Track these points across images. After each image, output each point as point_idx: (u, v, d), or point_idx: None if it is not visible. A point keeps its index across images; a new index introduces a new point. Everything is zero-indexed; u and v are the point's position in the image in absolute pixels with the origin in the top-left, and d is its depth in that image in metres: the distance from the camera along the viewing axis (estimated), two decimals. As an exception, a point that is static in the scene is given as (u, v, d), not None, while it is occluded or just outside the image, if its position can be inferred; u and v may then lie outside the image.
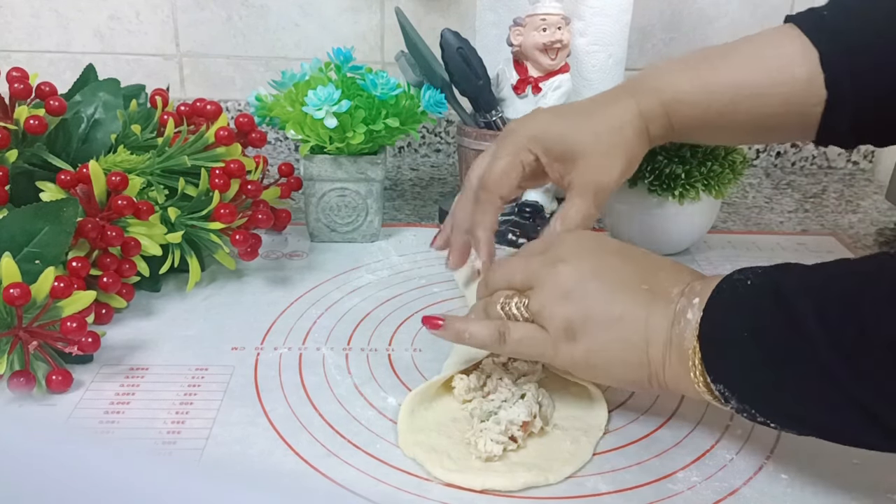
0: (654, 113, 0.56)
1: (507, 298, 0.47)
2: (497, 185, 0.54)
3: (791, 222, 0.83)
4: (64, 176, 0.56)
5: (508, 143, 0.55)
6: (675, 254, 0.73)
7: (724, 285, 0.42)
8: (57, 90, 0.61)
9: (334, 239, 0.73)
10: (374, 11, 0.97)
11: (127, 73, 0.99)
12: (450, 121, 1.02)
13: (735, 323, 0.40)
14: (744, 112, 0.55)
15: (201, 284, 0.64)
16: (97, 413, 0.48)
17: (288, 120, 0.69)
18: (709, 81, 0.55)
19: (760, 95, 0.54)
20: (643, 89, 0.56)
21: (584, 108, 0.57)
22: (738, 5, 0.97)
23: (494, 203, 0.55)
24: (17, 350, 0.49)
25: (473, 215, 0.56)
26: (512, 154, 0.55)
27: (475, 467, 0.44)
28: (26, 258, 0.52)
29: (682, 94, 0.55)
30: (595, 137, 0.54)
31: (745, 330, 0.39)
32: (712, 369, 0.41)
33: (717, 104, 0.55)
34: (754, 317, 0.39)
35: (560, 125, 0.55)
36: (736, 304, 0.41)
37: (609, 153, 0.54)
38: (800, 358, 0.37)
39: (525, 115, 0.59)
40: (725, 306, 0.41)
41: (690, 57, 0.58)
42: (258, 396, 0.50)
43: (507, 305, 0.47)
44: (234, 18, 0.98)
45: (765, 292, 0.40)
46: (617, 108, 0.55)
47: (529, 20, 0.71)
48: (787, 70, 0.53)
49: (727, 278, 0.42)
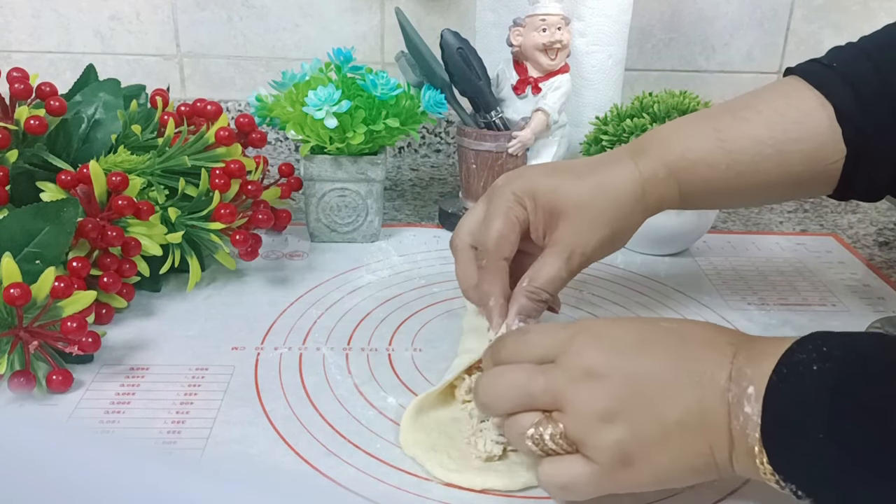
0: (657, 177, 0.51)
1: (535, 429, 0.40)
2: (498, 249, 0.50)
3: (791, 222, 0.83)
4: (64, 176, 0.56)
5: (498, 200, 0.51)
6: (675, 254, 0.73)
7: (785, 370, 0.36)
8: (57, 90, 0.61)
9: (334, 239, 0.73)
10: (374, 12, 0.97)
11: (127, 73, 0.99)
12: (450, 121, 1.02)
13: (805, 425, 0.35)
14: (765, 172, 0.51)
15: (201, 284, 0.64)
16: (97, 413, 0.48)
17: (288, 120, 0.69)
18: (726, 139, 0.51)
19: (783, 153, 0.51)
20: (646, 150, 0.52)
21: (580, 168, 0.52)
22: (738, 5, 0.97)
23: (500, 266, 0.50)
24: (18, 350, 0.49)
25: (481, 285, 0.50)
26: (504, 211, 0.50)
27: (475, 467, 0.44)
28: (27, 258, 0.52)
29: (694, 154, 0.51)
30: (584, 198, 0.50)
31: (820, 432, 0.34)
32: (781, 470, 0.36)
33: (738, 163, 0.51)
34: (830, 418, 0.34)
35: (554, 180, 0.51)
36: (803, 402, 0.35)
37: (594, 220, 0.50)
38: (890, 469, 0.33)
39: (517, 169, 0.55)
40: (789, 401, 0.36)
41: (698, 115, 0.55)
42: (258, 396, 0.50)
43: (541, 440, 0.39)
44: (234, 19, 0.98)
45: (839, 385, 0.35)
46: (614, 171, 0.51)
47: (529, 20, 0.71)
48: (808, 126, 0.51)
49: (786, 359, 0.37)
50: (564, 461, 0.39)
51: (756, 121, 0.51)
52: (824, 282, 0.68)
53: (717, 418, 0.38)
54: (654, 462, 0.38)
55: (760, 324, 0.61)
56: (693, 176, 0.52)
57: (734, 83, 1.01)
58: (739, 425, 0.37)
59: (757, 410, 0.36)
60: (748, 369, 0.38)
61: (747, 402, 0.37)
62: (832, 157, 0.51)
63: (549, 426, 0.39)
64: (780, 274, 0.70)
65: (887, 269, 0.72)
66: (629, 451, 0.38)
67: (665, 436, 0.38)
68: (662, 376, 0.39)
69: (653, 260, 0.72)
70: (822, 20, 0.98)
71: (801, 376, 0.36)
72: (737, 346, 0.39)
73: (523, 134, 0.72)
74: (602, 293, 0.65)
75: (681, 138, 0.52)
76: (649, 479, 0.39)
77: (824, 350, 0.36)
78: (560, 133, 0.75)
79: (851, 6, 0.98)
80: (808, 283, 0.68)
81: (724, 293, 0.66)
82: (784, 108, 0.51)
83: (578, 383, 0.39)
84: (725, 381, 0.38)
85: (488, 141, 0.73)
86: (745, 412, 0.37)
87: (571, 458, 0.39)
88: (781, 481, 0.36)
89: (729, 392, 0.38)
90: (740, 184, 0.52)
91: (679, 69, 1.00)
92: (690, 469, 0.39)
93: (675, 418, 0.38)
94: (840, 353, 0.36)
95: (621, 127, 0.68)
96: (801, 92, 0.52)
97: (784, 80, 0.54)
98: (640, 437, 0.38)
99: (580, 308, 0.62)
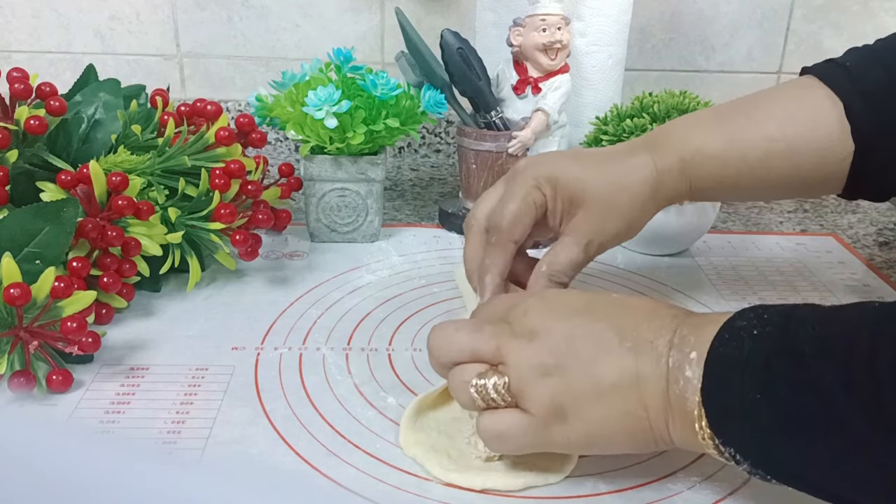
0: (672, 172, 0.52)
1: (479, 378, 0.41)
2: (511, 229, 0.51)
3: (791, 222, 0.83)
4: (64, 176, 0.56)
5: (518, 183, 0.52)
6: (675, 254, 0.73)
7: (726, 335, 0.38)
8: (57, 90, 0.61)
9: (334, 239, 0.73)
10: (374, 12, 0.97)
11: (127, 73, 0.99)
12: (450, 121, 1.02)
13: (744, 385, 0.36)
14: (776, 168, 0.52)
15: (201, 284, 0.64)
16: (97, 413, 0.48)
17: (288, 120, 0.69)
18: (739, 137, 0.52)
19: (795, 150, 0.51)
20: (662, 145, 0.53)
21: (601, 157, 0.53)
22: (738, 5, 0.97)
23: (508, 248, 0.51)
24: (18, 350, 0.49)
25: (484, 259, 0.52)
26: (522, 195, 0.51)
27: (475, 467, 0.44)
28: (27, 258, 0.52)
29: (708, 150, 0.52)
30: (604, 190, 0.51)
31: (757, 391, 0.36)
32: (721, 433, 0.37)
33: (749, 160, 0.52)
34: (766, 378, 0.36)
35: (577, 169, 0.52)
36: (742, 363, 0.36)
37: (612, 211, 0.51)
38: (823, 426, 0.34)
39: (539, 154, 0.55)
40: (730, 363, 0.37)
41: (711, 111, 0.56)
42: (258, 396, 0.50)
43: (483, 389, 0.41)
44: (234, 19, 0.98)
45: (776, 348, 0.36)
46: (632, 163, 0.52)
47: (529, 20, 0.71)
48: (819, 123, 0.51)
49: (727, 326, 0.38)
50: (504, 412, 0.41)
51: (767, 119, 0.52)
52: (824, 282, 0.68)
53: (654, 383, 0.39)
54: (587, 418, 0.40)
55: (760, 324, 0.61)
56: (705, 172, 0.52)
57: (734, 83, 1.01)
58: (679, 389, 0.38)
59: (698, 375, 0.37)
60: (692, 337, 0.39)
61: (689, 366, 0.38)
62: (841, 154, 0.51)
63: (493, 376, 0.41)
64: (780, 274, 0.70)
65: (887, 269, 0.72)
66: (563, 404, 0.39)
67: (599, 394, 0.39)
68: (602, 339, 0.40)
69: (653, 260, 0.72)
70: (822, 20, 0.98)
71: (742, 340, 0.37)
72: (681, 318, 0.41)
73: (523, 134, 0.72)
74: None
75: (695, 134, 0.53)
76: (581, 436, 0.40)
77: (765, 317, 0.37)
78: (560, 133, 0.75)
79: (851, 6, 0.98)
80: (808, 283, 0.68)
81: (724, 293, 0.66)
82: (795, 107, 0.52)
83: (521, 339, 0.41)
84: (664, 347, 0.39)
85: (488, 141, 0.73)
86: (685, 376, 0.38)
87: (510, 410, 0.41)
88: (721, 445, 0.37)
89: (669, 359, 0.39)
90: (751, 181, 0.53)
91: (679, 69, 1.00)
92: (624, 431, 0.40)
93: (610, 379, 0.39)
94: (779, 318, 0.37)
95: (621, 127, 0.68)
96: (813, 90, 0.52)
97: (798, 80, 0.55)
98: (574, 392, 0.40)
99: (580, 308, 0.62)
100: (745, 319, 0.38)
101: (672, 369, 0.39)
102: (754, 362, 0.36)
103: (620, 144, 0.56)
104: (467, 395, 0.41)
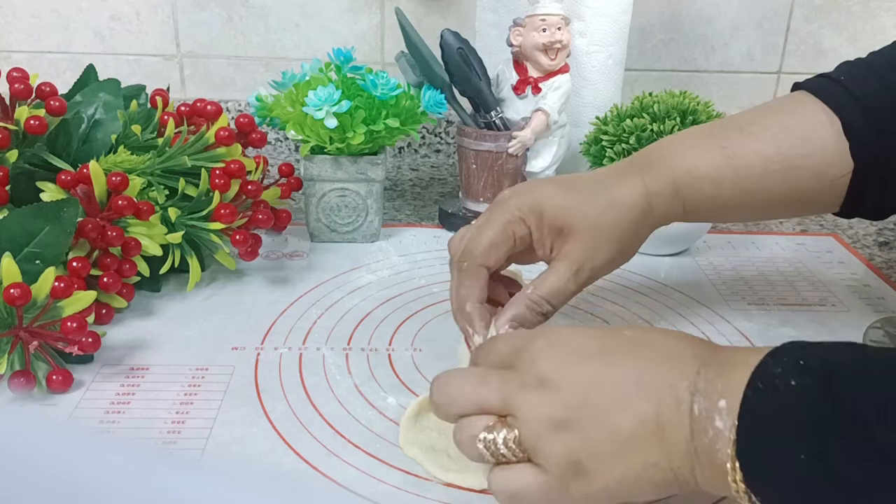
0: (663, 193, 0.50)
1: (488, 431, 0.38)
2: (484, 256, 0.49)
3: (791, 222, 0.83)
4: (64, 176, 0.56)
5: (500, 212, 0.50)
6: (675, 254, 0.73)
7: (760, 383, 0.34)
8: (57, 90, 0.61)
9: (334, 239, 0.73)
10: (374, 12, 0.97)
11: (127, 73, 0.99)
12: (450, 121, 1.02)
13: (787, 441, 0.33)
14: (772, 188, 0.50)
15: (201, 284, 0.64)
16: (97, 413, 0.48)
17: (288, 120, 0.69)
18: (733, 156, 0.50)
19: (791, 169, 0.50)
20: (653, 166, 0.51)
21: (589, 183, 0.51)
22: (738, 5, 0.97)
23: (480, 274, 0.49)
24: (18, 350, 0.49)
25: (458, 289, 0.50)
26: (503, 224, 0.49)
27: (475, 467, 0.44)
28: (27, 258, 0.52)
29: (700, 170, 0.50)
30: (593, 217, 0.49)
31: (801, 451, 0.32)
32: (759, 490, 0.34)
33: (745, 180, 0.50)
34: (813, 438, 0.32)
35: (563, 198, 0.50)
36: (782, 417, 0.33)
37: (602, 236, 0.49)
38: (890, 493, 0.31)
39: (524, 183, 0.54)
40: (767, 417, 0.34)
41: (703, 128, 0.54)
42: (258, 396, 0.50)
43: (493, 444, 0.38)
44: (234, 19, 0.98)
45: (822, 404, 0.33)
46: (622, 188, 0.50)
47: (529, 21, 0.71)
48: (815, 141, 0.50)
49: (760, 373, 0.35)
50: (516, 469, 0.38)
51: (763, 136, 0.50)
52: (824, 282, 0.68)
53: (677, 432, 0.36)
54: (607, 474, 0.37)
55: (760, 323, 0.61)
56: (698, 192, 0.51)
57: (734, 83, 1.01)
58: (708, 440, 0.35)
59: (729, 425, 0.34)
60: (718, 382, 0.36)
61: (718, 416, 0.35)
62: (839, 172, 0.50)
63: (502, 430, 0.38)
64: (780, 274, 0.70)
65: (887, 269, 0.72)
66: (580, 460, 0.37)
67: (618, 447, 0.36)
68: (617, 386, 0.37)
69: (653, 260, 0.72)
70: (822, 20, 0.98)
71: (778, 391, 0.34)
72: (703, 358, 0.38)
73: (523, 134, 0.72)
74: (601, 293, 0.65)
75: (687, 154, 0.51)
76: (602, 492, 0.37)
77: (801, 364, 0.34)
78: (560, 133, 0.75)
79: (851, 6, 0.98)
80: (808, 283, 0.68)
81: (724, 293, 0.66)
82: (791, 124, 0.50)
83: (531, 390, 0.38)
84: (687, 394, 0.36)
85: (488, 141, 0.73)
86: (715, 426, 0.35)
87: (523, 466, 0.38)
88: (758, 502, 0.34)
89: (694, 405, 0.36)
90: (746, 200, 0.51)
91: (679, 69, 1.01)
92: (648, 483, 0.37)
93: (628, 429, 0.36)
94: (819, 366, 0.34)
95: (621, 127, 0.68)
96: (809, 106, 0.51)
97: (791, 95, 0.53)
98: (591, 446, 0.37)
99: (579, 308, 0.63)
100: (779, 365, 0.34)
101: (698, 417, 0.35)
102: (796, 418, 0.33)
103: (610, 167, 0.54)
104: (475, 450, 0.38)
